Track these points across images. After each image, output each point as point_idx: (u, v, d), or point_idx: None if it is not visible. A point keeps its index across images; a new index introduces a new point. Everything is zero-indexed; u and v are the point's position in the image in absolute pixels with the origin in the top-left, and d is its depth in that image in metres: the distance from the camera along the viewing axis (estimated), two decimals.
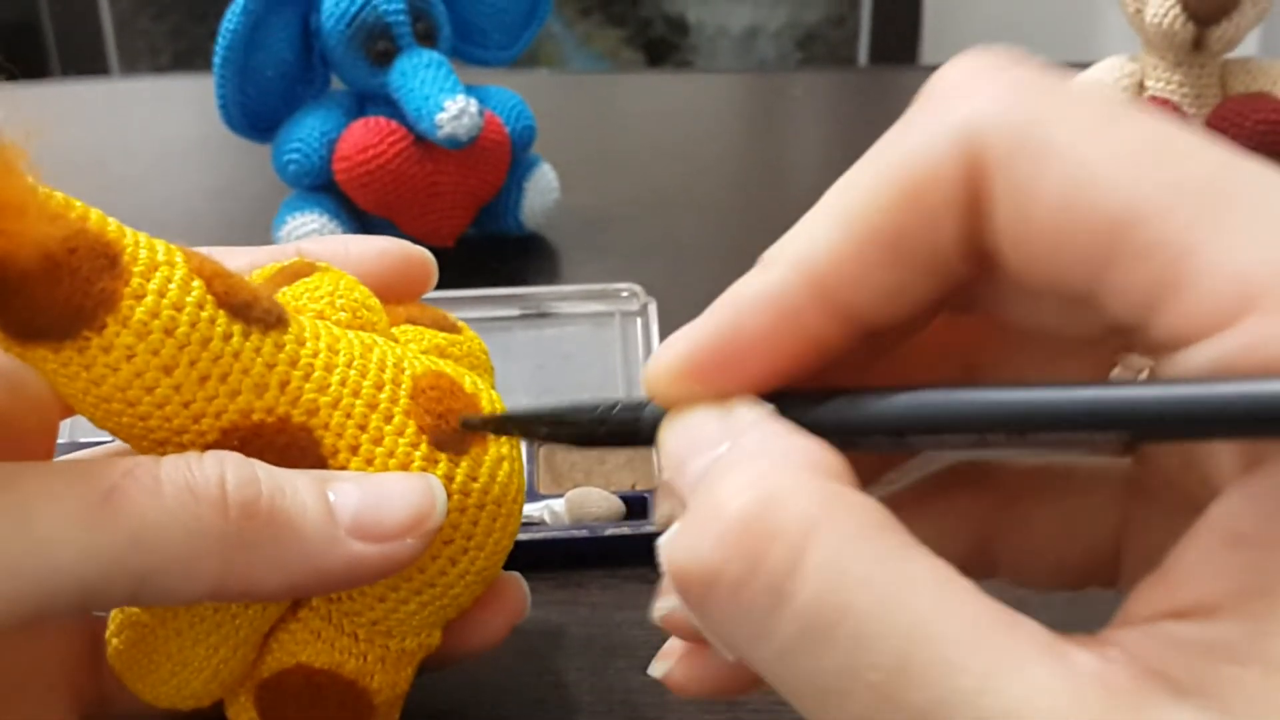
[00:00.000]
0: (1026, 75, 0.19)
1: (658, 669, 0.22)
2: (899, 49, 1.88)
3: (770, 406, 0.20)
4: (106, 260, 0.23)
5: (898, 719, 0.16)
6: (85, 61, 1.79)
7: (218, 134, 0.56)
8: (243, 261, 0.29)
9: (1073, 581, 0.24)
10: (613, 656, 0.33)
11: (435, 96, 0.52)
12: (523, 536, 0.36)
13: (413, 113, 0.52)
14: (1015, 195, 0.18)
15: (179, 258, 0.24)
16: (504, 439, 0.27)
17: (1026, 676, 0.16)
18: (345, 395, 0.25)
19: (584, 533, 0.36)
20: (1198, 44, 0.54)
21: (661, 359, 0.20)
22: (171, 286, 0.23)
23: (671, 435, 0.20)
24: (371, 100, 0.55)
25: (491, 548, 0.27)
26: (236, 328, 0.24)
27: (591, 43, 2.06)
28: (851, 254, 0.19)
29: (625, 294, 0.48)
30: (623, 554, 0.36)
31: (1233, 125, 0.55)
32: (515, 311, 0.49)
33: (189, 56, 1.94)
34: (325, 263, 0.29)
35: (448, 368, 0.27)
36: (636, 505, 0.37)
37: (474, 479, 0.26)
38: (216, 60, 0.53)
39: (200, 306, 0.23)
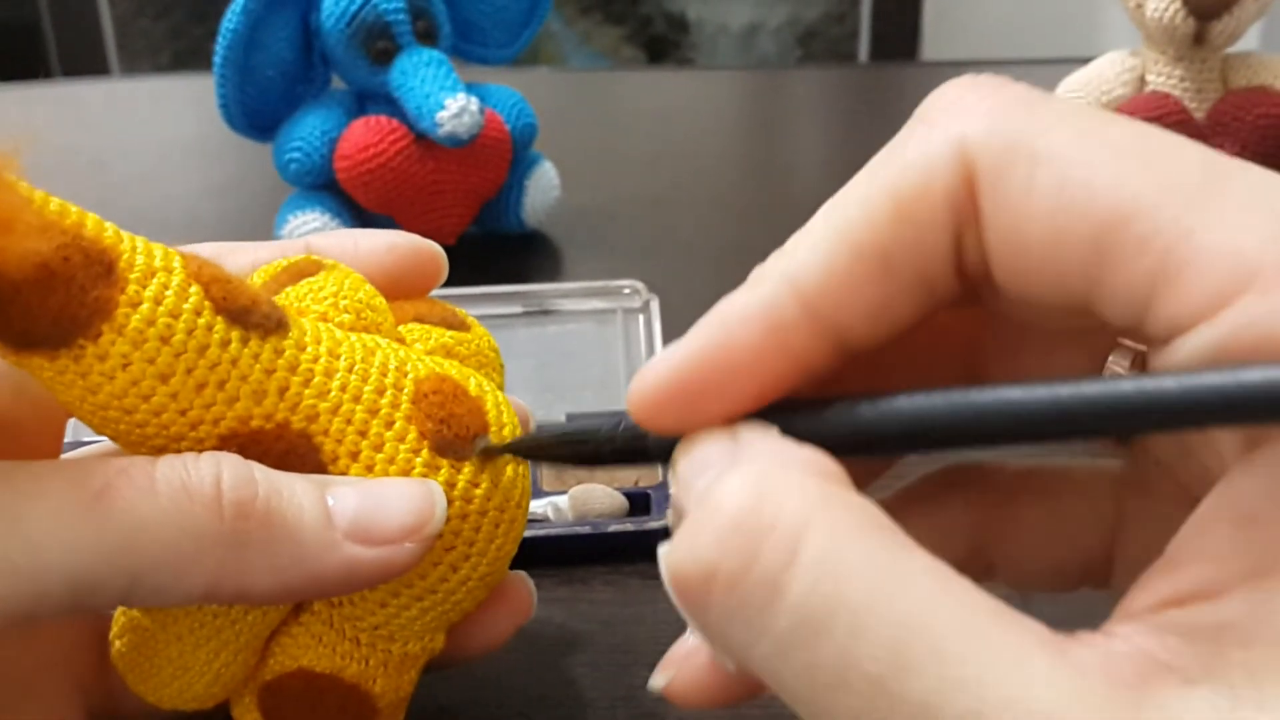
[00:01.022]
0: (1014, 93, 0.19)
1: (659, 681, 0.22)
2: (899, 45, 1.88)
3: (775, 428, 0.20)
4: (102, 267, 0.22)
5: (896, 711, 0.16)
6: (85, 62, 1.79)
7: (218, 134, 0.56)
8: (248, 259, 0.29)
9: (1068, 582, 0.24)
10: (616, 653, 0.33)
11: (436, 95, 0.52)
12: (526, 534, 0.36)
13: (413, 111, 0.52)
14: (1006, 205, 0.18)
15: (176, 263, 0.23)
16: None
17: (1026, 668, 0.16)
18: (345, 401, 0.25)
19: (587, 529, 0.36)
20: (1199, 39, 0.54)
21: (645, 381, 0.20)
22: (168, 293, 0.23)
23: (684, 461, 0.20)
24: (372, 99, 0.55)
25: (494, 554, 0.27)
26: (235, 334, 0.24)
27: (592, 40, 2.06)
28: (842, 270, 0.19)
29: (627, 291, 0.48)
30: (626, 550, 0.36)
31: (1234, 120, 0.55)
32: (517, 309, 0.49)
33: (189, 56, 1.94)
34: (332, 260, 0.29)
35: (453, 369, 0.27)
36: (639, 501, 0.37)
37: (476, 485, 0.26)
38: (217, 60, 0.53)
39: (197, 313, 0.23)
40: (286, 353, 0.24)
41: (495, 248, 0.58)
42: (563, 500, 0.37)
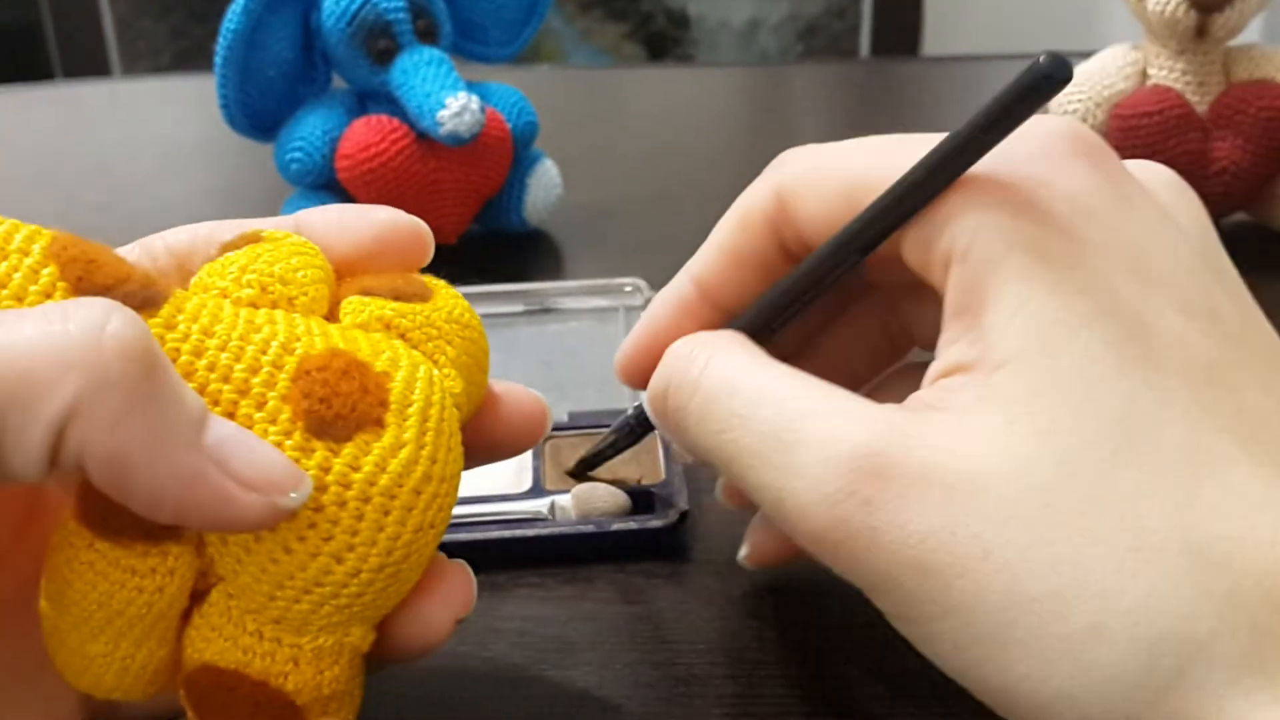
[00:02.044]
0: (810, 151, 0.30)
1: (742, 553, 0.34)
2: (900, 41, 1.88)
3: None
4: None
5: (751, 433, 0.27)
6: (86, 62, 1.79)
7: (220, 134, 0.56)
8: (233, 233, 0.28)
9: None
10: (620, 651, 0.33)
11: (437, 94, 0.52)
12: (530, 532, 0.36)
13: (414, 110, 0.52)
14: (805, 200, 0.29)
15: (37, 246, 0.23)
16: (410, 424, 0.26)
17: (832, 399, 0.26)
18: (213, 380, 0.24)
19: (591, 528, 0.36)
20: (1200, 32, 0.54)
21: (619, 356, 0.33)
22: (16, 276, 0.23)
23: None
24: (373, 98, 0.55)
25: (385, 543, 0.25)
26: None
27: (592, 38, 2.06)
28: (715, 264, 0.31)
29: (629, 288, 0.48)
30: (629, 549, 0.36)
31: (1236, 113, 0.54)
32: (519, 308, 0.49)
33: (190, 56, 1.94)
34: (285, 232, 0.28)
35: (364, 344, 0.26)
36: (643, 500, 0.37)
37: (355, 469, 0.25)
38: (218, 60, 0.53)
39: (47, 294, 0.23)
40: (151, 332, 0.23)
41: (497, 246, 0.58)
42: (565, 499, 0.37)
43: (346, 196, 0.55)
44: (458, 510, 0.36)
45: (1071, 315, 0.25)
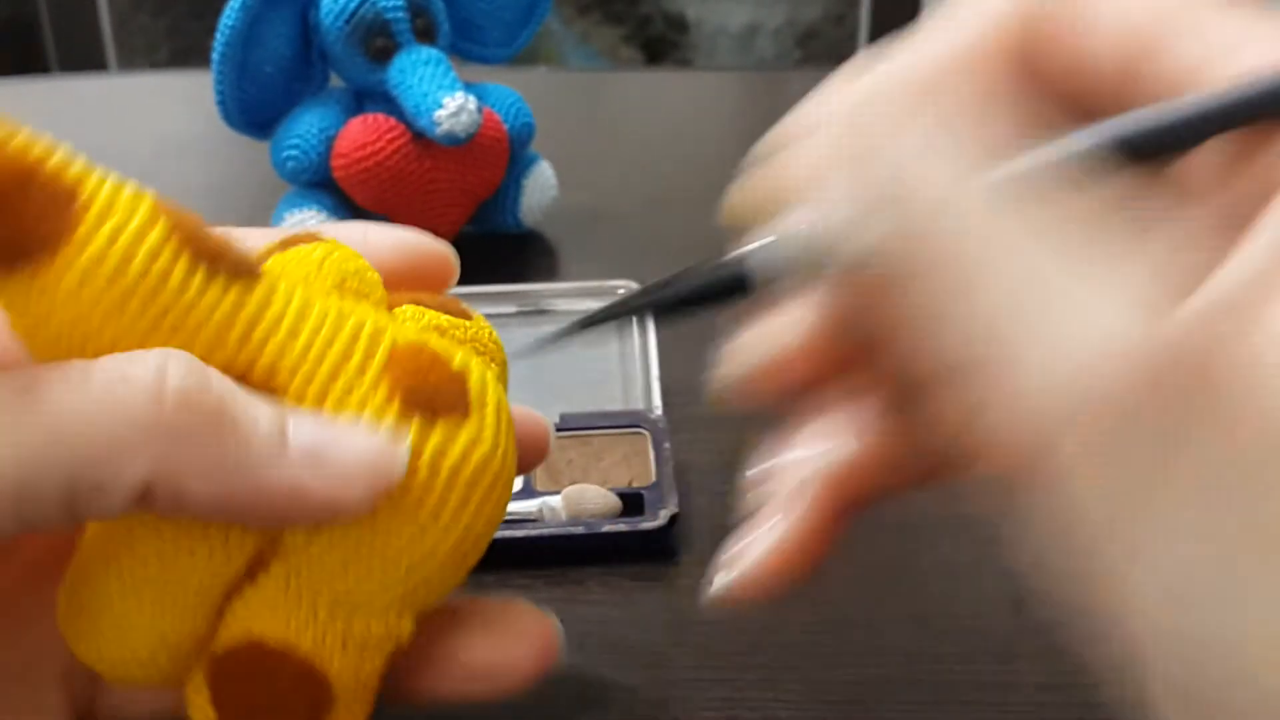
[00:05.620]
0: None
1: (721, 581, 0.25)
2: None
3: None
4: (61, 199, 0.23)
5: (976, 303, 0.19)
6: (83, 58, 1.79)
7: (216, 130, 0.56)
8: (257, 241, 0.28)
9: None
10: (610, 653, 0.33)
11: (434, 94, 0.52)
12: (519, 533, 0.36)
13: (411, 110, 0.52)
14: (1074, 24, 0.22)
15: (145, 205, 0.23)
16: (489, 419, 0.26)
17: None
18: (310, 359, 0.25)
19: (581, 530, 0.36)
20: None
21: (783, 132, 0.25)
22: (126, 231, 0.23)
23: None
24: (370, 97, 0.55)
25: (466, 524, 0.26)
26: (197, 278, 0.24)
27: (590, 40, 2.06)
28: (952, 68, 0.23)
29: (623, 291, 0.49)
30: (620, 551, 0.36)
31: None
32: (513, 309, 0.49)
33: (187, 53, 1.94)
34: (332, 238, 0.28)
35: (436, 344, 0.27)
36: (633, 502, 0.37)
37: (444, 455, 0.25)
38: (215, 57, 0.53)
39: (155, 254, 0.23)
40: (250, 304, 0.24)
41: (491, 247, 0.58)
42: (556, 500, 0.37)
43: (342, 195, 0.55)
44: None
45: None
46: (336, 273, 0.27)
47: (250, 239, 0.28)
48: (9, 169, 0.22)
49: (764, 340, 0.25)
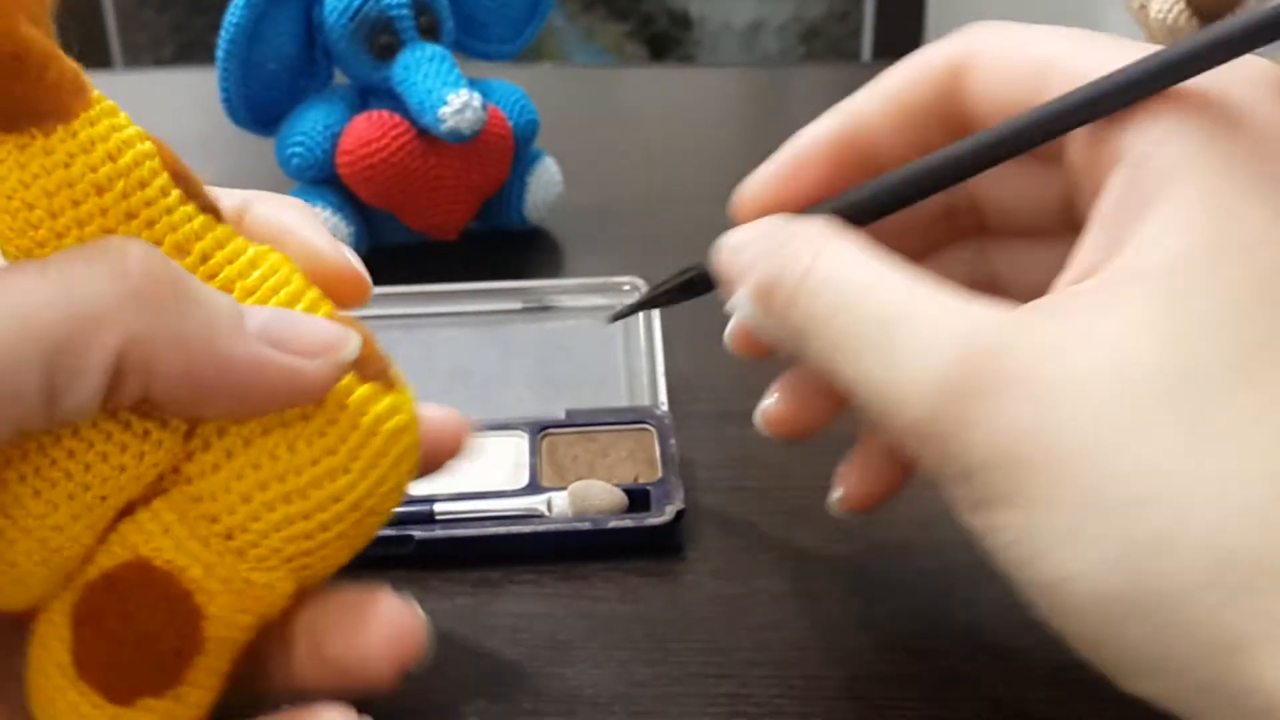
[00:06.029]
0: (1014, 25, 0.30)
1: (834, 497, 0.33)
2: (902, 44, 1.88)
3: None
4: (76, 85, 0.24)
5: (860, 321, 0.26)
6: (88, 55, 1.79)
7: (221, 127, 0.56)
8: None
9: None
10: (615, 649, 0.33)
11: (438, 90, 0.52)
12: (525, 529, 0.36)
13: (416, 106, 0.52)
14: (987, 74, 0.29)
15: (138, 128, 0.26)
16: (407, 400, 0.28)
17: (940, 299, 0.26)
18: (258, 298, 0.26)
19: (587, 525, 0.36)
20: None
21: (747, 188, 0.32)
22: (127, 130, 0.25)
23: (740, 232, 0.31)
24: (374, 94, 0.55)
25: (369, 486, 0.26)
26: (173, 194, 0.25)
27: (595, 37, 2.06)
28: (880, 107, 0.30)
29: (627, 287, 0.49)
30: (625, 547, 0.36)
31: None
32: (517, 305, 0.49)
33: (192, 50, 1.94)
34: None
35: (365, 330, 0.28)
36: (639, 498, 0.37)
37: (368, 408, 0.27)
38: (219, 54, 0.53)
39: (145, 156, 0.25)
40: (212, 236, 0.26)
41: (496, 243, 0.58)
42: (561, 496, 0.37)
43: (347, 191, 0.55)
44: (454, 506, 0.37)
45: (1237, 241, 0.24)
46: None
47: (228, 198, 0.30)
48: (39, 45, 0.23)
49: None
